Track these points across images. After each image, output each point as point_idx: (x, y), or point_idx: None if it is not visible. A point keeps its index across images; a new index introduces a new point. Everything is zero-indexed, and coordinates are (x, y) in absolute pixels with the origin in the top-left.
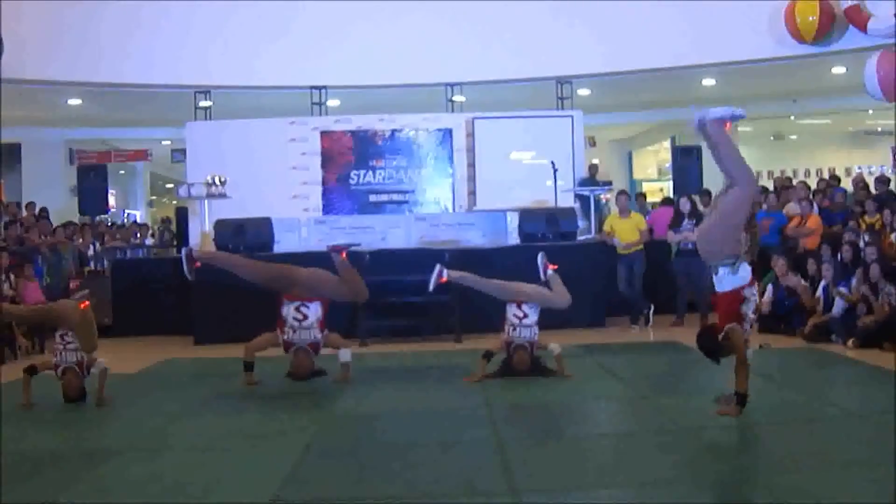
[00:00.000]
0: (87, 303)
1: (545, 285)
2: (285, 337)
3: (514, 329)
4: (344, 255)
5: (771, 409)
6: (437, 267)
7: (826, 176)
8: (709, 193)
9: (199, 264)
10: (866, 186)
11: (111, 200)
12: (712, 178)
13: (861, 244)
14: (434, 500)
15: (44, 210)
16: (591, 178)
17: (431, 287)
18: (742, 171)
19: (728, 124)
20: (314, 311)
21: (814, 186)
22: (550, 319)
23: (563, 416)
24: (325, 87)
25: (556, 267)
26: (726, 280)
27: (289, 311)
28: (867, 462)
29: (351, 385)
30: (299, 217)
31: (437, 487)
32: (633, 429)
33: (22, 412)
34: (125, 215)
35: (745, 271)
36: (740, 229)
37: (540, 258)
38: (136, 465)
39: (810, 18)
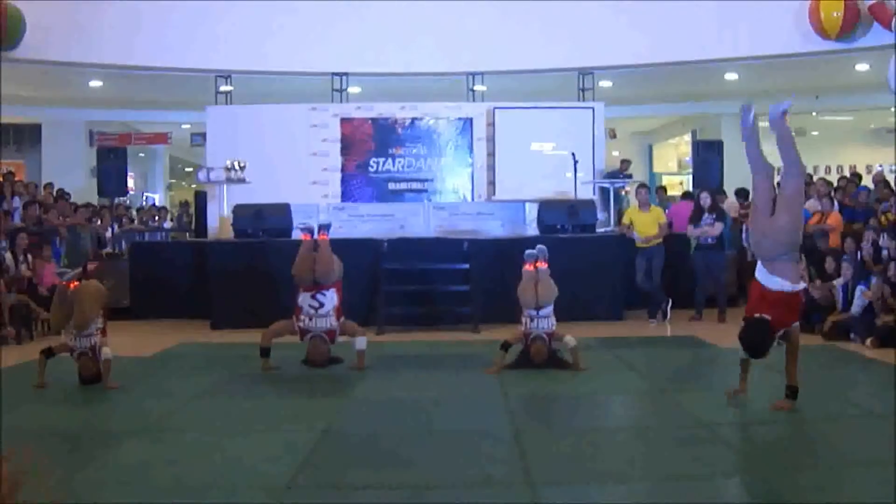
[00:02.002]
0: (76, 283)
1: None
2: (301, 324)
3: (532, 321)
4: (325, 235)
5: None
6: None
7: (846, 173)
8: (724, 192)
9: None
10: (888, 184)
11: (130, 183)
12: (733, 173)
13: (882, 242)
14: (450, 489)
15: (62, 191)
16: (621, 173)
17: None
18: (799, 161)
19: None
20: (330, 299)
21: (835, 183)
22: (568, 312)
23: (580, 408)
24: (346, 73)
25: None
26: (786, 279)
27: (305, 299)
28: (882, 462)
29: (367, 373)
30: (318, 203)
31: (452, 477)
32: (650, 423)
33: (39, 392)
34: (144, 198)
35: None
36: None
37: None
38: (151, 447)
39: (835, 14)
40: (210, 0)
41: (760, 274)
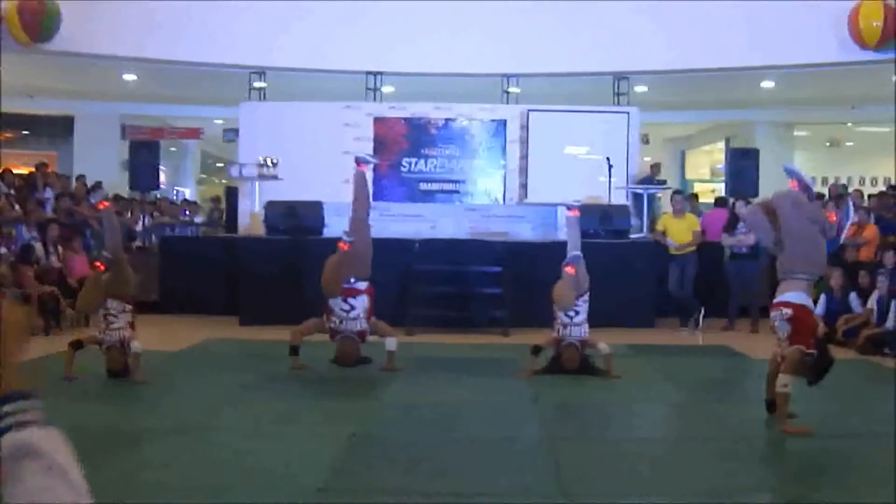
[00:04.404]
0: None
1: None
2: (331, 325)
3: (565, 328)
4: (363, 166)
5: (819, 422)
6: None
7: (882, 185)
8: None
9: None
10: None
11: (162, 177)
12: (768, 181)
13: None
14: (483, 499)
15: (99, 183)
16: (651, 178)
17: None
18: None
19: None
20: (361, 302)
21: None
22: (599, 318)
23: (614, 417)
24: (380, 72)
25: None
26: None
27: (336, 302)
28: None
29: (396, 375)
30: (350, 202)
31: (488, 486)
32: (685, 434)
33: (65, 385)
34: (175, 192)
35: None
36: None
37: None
38: (178, 446)
39: (874, 24)
40: None
41: (805, 298)
